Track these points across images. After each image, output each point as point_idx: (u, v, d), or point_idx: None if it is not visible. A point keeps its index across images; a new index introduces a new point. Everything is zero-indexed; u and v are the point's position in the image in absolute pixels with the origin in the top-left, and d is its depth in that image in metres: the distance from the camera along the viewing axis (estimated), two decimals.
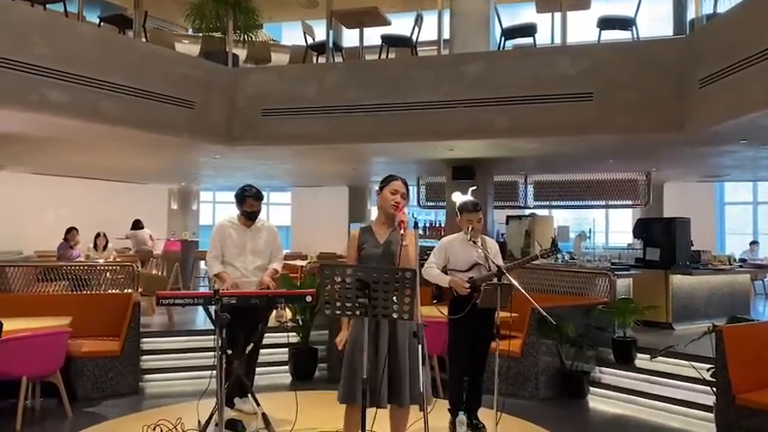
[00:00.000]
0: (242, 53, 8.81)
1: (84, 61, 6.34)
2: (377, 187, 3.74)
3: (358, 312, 2.95)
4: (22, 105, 5.92)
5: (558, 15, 7.84)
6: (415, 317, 2.93)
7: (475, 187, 8.55)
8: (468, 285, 4.49)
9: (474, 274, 4.59)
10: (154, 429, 4.41)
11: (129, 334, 5.86)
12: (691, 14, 7.58)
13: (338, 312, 3.01)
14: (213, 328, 3.83)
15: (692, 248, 8.28)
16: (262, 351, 5.31)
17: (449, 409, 4.75)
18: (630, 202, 11.30)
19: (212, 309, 3.99)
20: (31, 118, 6.25)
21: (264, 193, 5.21)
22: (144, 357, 6.27)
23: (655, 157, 9.24)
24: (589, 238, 9.75)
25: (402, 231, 3.34)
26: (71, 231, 10.15)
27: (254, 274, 4.93)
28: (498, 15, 8.31)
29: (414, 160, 9.75)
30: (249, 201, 4.93)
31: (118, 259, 9.69)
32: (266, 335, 5.27)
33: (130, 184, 14.13)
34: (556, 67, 6.91)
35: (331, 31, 8.61)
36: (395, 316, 2.95)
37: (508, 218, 10.96)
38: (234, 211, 5.09)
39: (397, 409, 3.44)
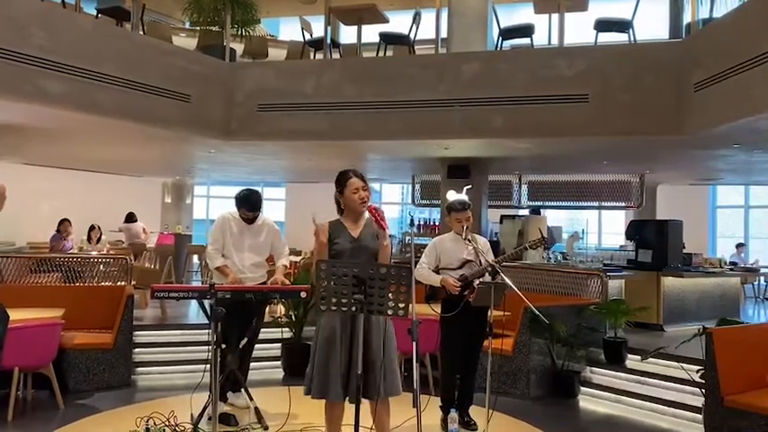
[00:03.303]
0: (239, 48, 8.79)
1: (81, 53, 6.31)
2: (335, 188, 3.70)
3: (353, 308, 2.97)
4: (17, 95, 5.89)
5: (555, 16, 7.86)
6: (409, 314, 2.96)
7: (470, 186, 8.59)
8: (459, 284, 4.52)
9: (465, 271, 4.62)
10: (147, 422, 4.41)
11: (122, 327, 5.85)
12: (687, 18, 7.62)
13: (334, 308, 3.02)
14: (206, 322, 3.84)
15: (684, 251, 8.33)
16: (255, 346, 5.31)
17: (441, 407, 4.79)
18: (624, 204, 11.33)
19: (207, 303, 4.00)
20: (26, 108, 6.22)
21: (259, 189, 5.21)
22: (136, 350, 6.26)
23: (649, 160, 9.29)
24: (582, 238, 9.79)
25: (382, 229, 3.45)
26: (63, 223, 10.12)
27: (250, 271, 4.93)
28: (496, 15, 8.33)
29: (409, 158, 9.77)
30: (243, 210, 4.93)
31: (111, 252, 9.67)
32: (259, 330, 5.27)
33: (125, 176, 14.09)
34: (552, 69, 6.93)
35: (329, 28, 8.60)
36: (390, 312, 2.98)
37: (502, 217, 10.99)
38: (233, 205, 5.08)
39: (374, 403, 3.43)
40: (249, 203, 4.90)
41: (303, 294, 4.52)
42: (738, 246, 12.86)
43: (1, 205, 1.09)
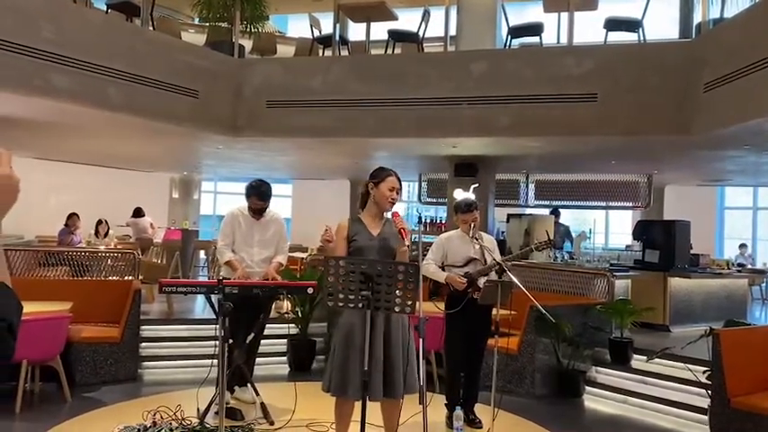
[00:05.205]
0: (248, 44, 8.81)
1: (91, 47, 6.33)
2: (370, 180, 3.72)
3: (360, 305, 2.97)
4: (26, 89, 5.90)
5: (564, 15, 7.84)
6: (416, 311, 2.96)
7: (477, 185, 8.58)
8: (464, 281, 4.53)
9: (470, 269, 4.63)
10: (154, 416, 4.44)
11: (129, 321, 5.88)
12: (697, 18, 7.58)
13: (341, 305, 3.03)
14: (213, 317, 3.86)
15: (691, 252, 8.30)
16: (261, 341, 5.33)
17: (446, 404, 4.79)
18: (631, 204, 11.30)
19: (214, 298, 4.01)
20: (35, 102, 6.24)
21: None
22: (143, 344, 6.29)
23: (657, 160, 9.25)
24: (589, 238, 9.77)
25: (404, 238, 3.44)
26: (72, 217, 10.18)
27: (259, 266, 4.96)
28: (505, 13, 8.31)
29: (416, 156, 9.76)
30: (253, 199, 4.95)
31: (118, 246, 9.71)
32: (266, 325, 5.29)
33: (133, 171, 14.14)
34: (561, 67, 6.91)
35: (337, 25, 8.60)
36: (397, 310, 2.98)
37: (509, 216, 10.98)
38: (240, 201, 5.11)
39: (390, 401, 3.47)
40: (259, 193, 4.93)
41: (310, 290, 4.54)
42: (741, 246, 12.81)
43: (15, 198, 1.10)
